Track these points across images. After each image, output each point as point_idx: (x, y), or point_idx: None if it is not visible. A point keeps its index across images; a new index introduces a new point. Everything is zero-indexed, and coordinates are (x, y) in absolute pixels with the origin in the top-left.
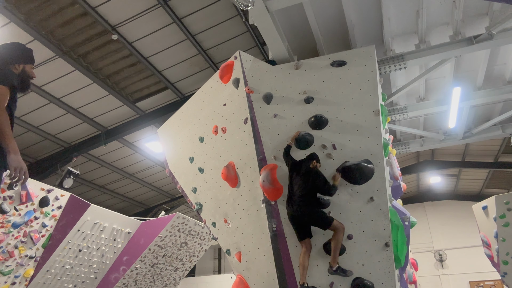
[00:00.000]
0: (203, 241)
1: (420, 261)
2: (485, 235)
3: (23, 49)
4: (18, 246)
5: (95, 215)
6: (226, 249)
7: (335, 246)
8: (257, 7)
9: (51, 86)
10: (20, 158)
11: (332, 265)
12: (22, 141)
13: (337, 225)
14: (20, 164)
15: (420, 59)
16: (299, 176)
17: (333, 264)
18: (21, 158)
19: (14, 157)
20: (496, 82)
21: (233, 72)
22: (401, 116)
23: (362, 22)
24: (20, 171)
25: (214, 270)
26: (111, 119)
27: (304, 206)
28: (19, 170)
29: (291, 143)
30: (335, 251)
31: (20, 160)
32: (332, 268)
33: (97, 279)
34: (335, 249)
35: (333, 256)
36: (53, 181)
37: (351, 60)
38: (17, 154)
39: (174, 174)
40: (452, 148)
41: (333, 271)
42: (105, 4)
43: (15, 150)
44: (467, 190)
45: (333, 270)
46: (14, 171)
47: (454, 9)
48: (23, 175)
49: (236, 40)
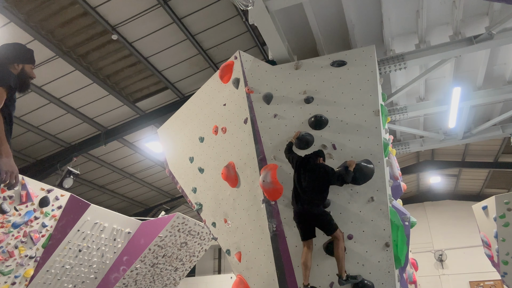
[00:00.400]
0: (203, 241)
1: (420, 261)
2: (485, 235)
3: (23, 49)
4: (18, 246)
5: (95, 215)
6: (226, 249)
7: (341, 255)
8: (257, 7)
9: (51, 86)
10: (12, 161)
11: (342, 275)
12: (22, 141)
13: (338, 234)
14: (12, 168)
15: (420, 59)
16: (307, 172)
17: (342, 274)
18: (13, 162)
19: (6, 160)
20: (496, 82)
21: (233, 72)
22: (401, 116)
23: (362, 22)
24: (11, 175)
25: (214, 270)
26: (111, 119)
27: (315, 206)
28: (10, 174)
29: (293, 140)
30: (341, 260)
31: (12, 164)
32: (342, 278)
33: (97, 279)
34: (341, 258)
35: (341, 266)
36: (53, 181)
37: (351, 60)
38: (9, 157)
39: (174, 174)
40: (452, 148)
41: (344, 281)
42: (105, 4)
43: (8, 153)
44: (467, 190)
45: (343, 280)
46: (5, 174)
47: (454, 9)
48: (14, 179)
49: (236, 40)
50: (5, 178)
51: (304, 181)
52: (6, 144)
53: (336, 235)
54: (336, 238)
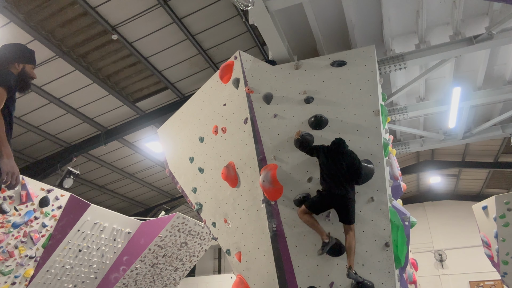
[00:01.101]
0: (203, 241)
1: (420, 261)
2: (485, 235)
3: (24, 49)
4: (18, 246)
5: (95, 215)
6: (226, 249)
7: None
8: (257, 7)
9: (51, 86)
10: (13, 162)
11: (352, 266)
12: (22, 141)
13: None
14: (13, 169)
15: (420, 59)
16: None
17: (352, 266)
18: (14, 163)
19: (7, 162)
20: (496, 82)
21: (233, 72)
22: (401, 116)
23: (362, 22)
24: (12, 176)
25: (214, 270)
26: (111, 119)
27: (352, 190)
28: (11, 175)
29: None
30: (354, 252)
31: (13, 165)
32: (353, 271)
33: (97, 279)
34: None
35: (352, 259)
36: (53, 181)
37: (351, 60)
38: (10, 158)
39: (174, 174)
40: (452, 148)
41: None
42: (105, 4)
43: (9, 154)
44: (467, 190)
45: (354, 273)
46: (6, 175)
47: (454, 9)
48: (15, 180)
49: (236, 40)
50: (6, 179)
51: (341, 166)
52: (7, 144)
53: (353, 226)
54: (352, 229)
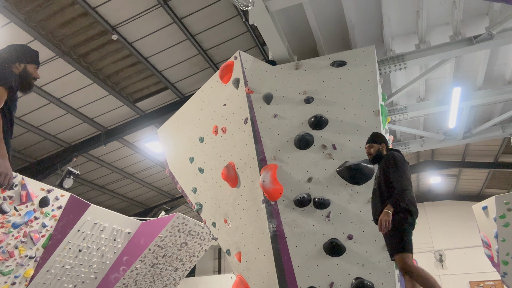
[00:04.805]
0: (203, 241)
1: (420, 261)
2: (485, 235)
3: (26, 49)
4: (18, 246)
5: (95, 215)
6: (226, 249)
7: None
8: (257, 7)
9: (51, 86)
10: (7, 163)
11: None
12: (22, 141)
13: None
14: (6, 170)
15: (420, 59)
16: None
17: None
18: (8, 164)
19: (1, 162)
20: (496, 82)
21: (233, 72)
22: (401, 116)
23: (362, 22)
24: (5, 177)
25: (214, 270)
26: (111, 119)
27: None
28: (4, 176)
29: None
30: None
31: (6, 166)
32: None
33: (97, 279)
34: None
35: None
36: (53, 181)
37: (351, 60)
38: (4, 159)
39: (174, 174)
40: (452, 148)
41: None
42: (105, 4)
43: (3, 154)
44: (467, 190)
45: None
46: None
47: (454, 9)
48: (7, 181)
49: (236, 40)
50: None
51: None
52: (3, 145)
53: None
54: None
